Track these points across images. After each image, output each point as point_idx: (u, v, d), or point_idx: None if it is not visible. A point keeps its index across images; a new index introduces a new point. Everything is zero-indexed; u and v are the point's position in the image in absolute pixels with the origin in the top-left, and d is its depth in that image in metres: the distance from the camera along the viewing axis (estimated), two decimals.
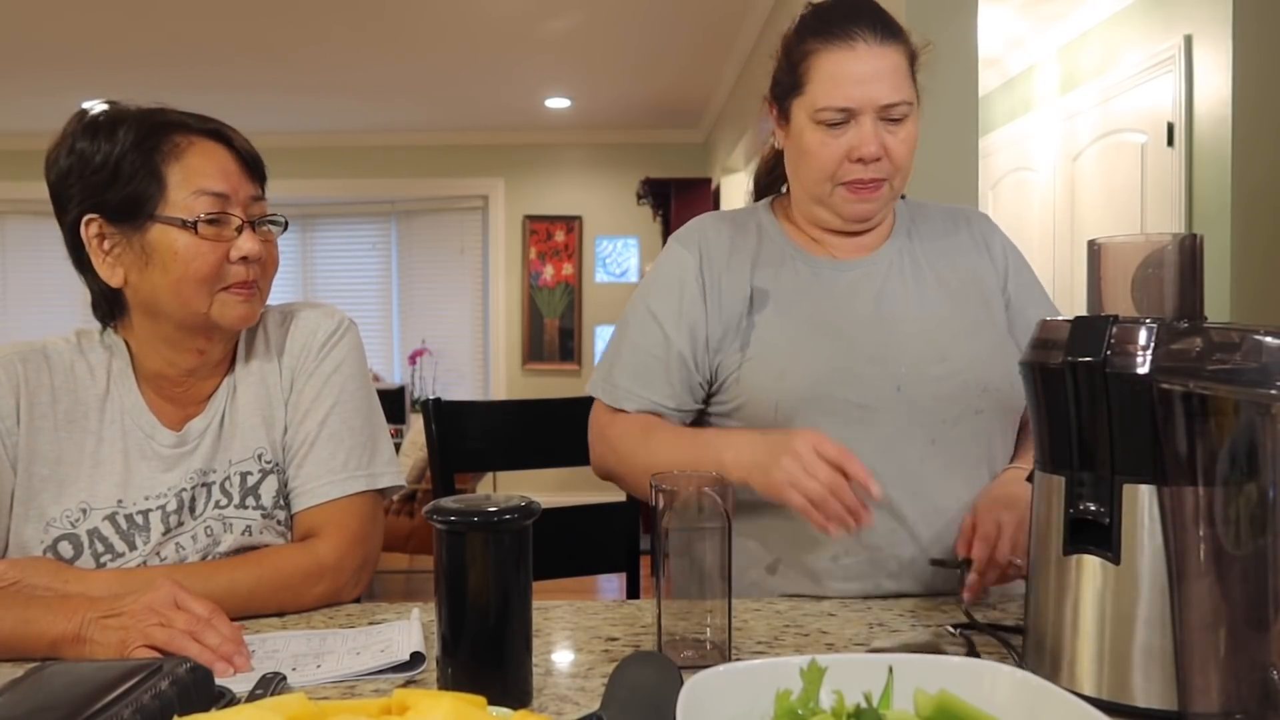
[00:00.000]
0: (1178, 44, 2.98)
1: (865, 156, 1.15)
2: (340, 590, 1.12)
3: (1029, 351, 0.83)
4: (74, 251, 1.12)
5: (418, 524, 4.10)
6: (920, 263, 1.26)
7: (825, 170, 1.17)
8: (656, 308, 1.25)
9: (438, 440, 1.57)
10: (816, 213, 1.24)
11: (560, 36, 4.63)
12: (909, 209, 1.33)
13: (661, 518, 0.89)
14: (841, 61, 1.14)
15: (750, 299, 1.24)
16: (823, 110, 1.14)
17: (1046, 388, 0.80)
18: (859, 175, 1.17)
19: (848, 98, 1.14)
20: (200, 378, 1.17)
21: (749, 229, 1.29)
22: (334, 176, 6.77)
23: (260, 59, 4.99)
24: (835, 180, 1.18)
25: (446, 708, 0.55)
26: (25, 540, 1.09)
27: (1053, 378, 0.79)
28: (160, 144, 1.08)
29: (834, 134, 1.15)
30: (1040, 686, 0.63)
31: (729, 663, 0.73)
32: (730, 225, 1.29)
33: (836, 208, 1.21)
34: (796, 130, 1.19)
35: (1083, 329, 0.77)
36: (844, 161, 1.16)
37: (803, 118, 1.18)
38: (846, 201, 1.19)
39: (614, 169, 6.72)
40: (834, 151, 1.16)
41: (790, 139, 1.22)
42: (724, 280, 1.24)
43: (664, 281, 1.26)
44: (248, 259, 1.10)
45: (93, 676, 0.70)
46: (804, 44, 1.18)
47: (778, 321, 1.21)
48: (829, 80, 1.14)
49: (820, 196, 1.21)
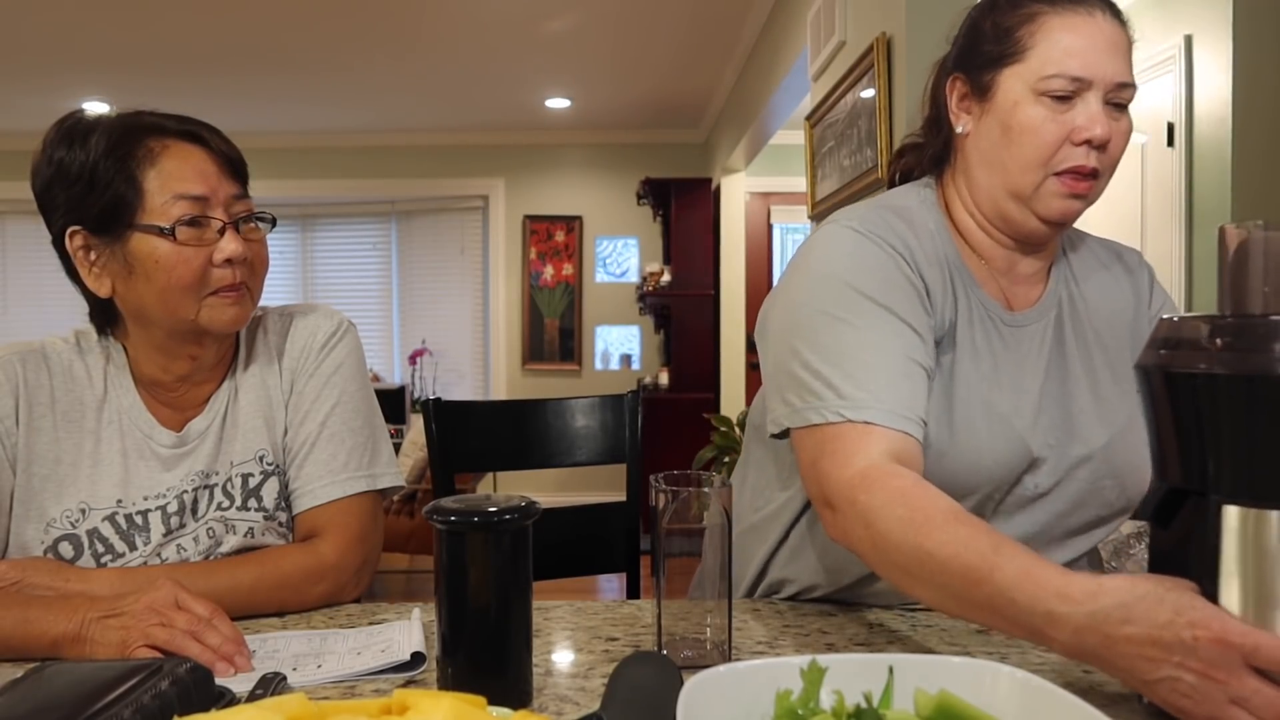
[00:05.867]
0: (1178, 44, 2.98)
1: (1094, 138, 0.97)
2: (341, 590, 1.12)
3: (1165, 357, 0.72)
4: (63, 263, 1.11)
5: (418, 524, 4.10)
6: (1081, 318, 1.10)
7: (1042, 152, 0.99)
8: (895, 305, 0.99)
9: (438, 440, 1.57)
10: (1008, 210, 1.04)
11: (560, 36, 4.63)
12: (1065, 237, 1.15)
13: (661, 518, 0.89)
14: (1079, 26, 0.99)
15: (945, 332, 1.04)
16: (1052, 78, 0.98)
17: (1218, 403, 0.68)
18: (1079, 162, 0.99)
19: (1084, 66, 0.97)
20: (195, 383, 1.17)
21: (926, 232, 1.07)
22: (334, 176, 6.77)
23: (261, 59, 4.99)
24: (1050, 167, 1.00)
25: (446, 708, 0.55)
26: (26, 541, 1.09)
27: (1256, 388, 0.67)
28: (134, 149, 1.06)
29: (1058, 109, 0.99)
30: (1040, 686, 0.63)
31: (729, 663, 0.73)
32: (910, 226, 1.06)
33: (1040, 204, 1.02)
34: (1005, 105, 1.01)
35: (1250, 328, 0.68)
36: (1064, 144, 0.99)
37: (1018, 89, 1.00)
38: (1055, 196, 1.01)
39: (614, 169, 6.72)
40: (1057, 130, 0.99)
41: (990, 116, 1.03)
42: (930, 293, 1.03)
43: (880, 274, 1.01)
44: (231, 261, 1.09)
45: (93, 676, 0.70)
46: (1024, 7, 1.01)
47: (958, 378, 1.02)
48: (1060, 46, 0.98)
49: (1023, 188, 1.02)
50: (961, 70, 1.07)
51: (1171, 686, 0.66)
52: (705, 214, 5.99)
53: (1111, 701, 0.79)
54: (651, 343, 6.73)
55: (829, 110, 3.10)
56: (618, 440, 1.66)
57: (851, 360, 0.96)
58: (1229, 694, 0.64)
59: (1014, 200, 1.03)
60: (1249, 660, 0.64)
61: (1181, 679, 0.65)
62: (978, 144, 1.05)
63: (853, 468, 0.92)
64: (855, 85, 2.78)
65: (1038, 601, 0.73)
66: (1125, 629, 0.68)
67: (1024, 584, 0.75)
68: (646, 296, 6.04)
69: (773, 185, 6.49)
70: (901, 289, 1.00)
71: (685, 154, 6.70)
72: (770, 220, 6.67)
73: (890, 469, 0.91)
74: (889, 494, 0.88)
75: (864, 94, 2.70)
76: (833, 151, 3.09)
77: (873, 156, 2.61)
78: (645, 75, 5.32)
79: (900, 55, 2.44)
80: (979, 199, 1.07)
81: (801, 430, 0.98)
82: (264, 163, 4.47)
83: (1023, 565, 0.76)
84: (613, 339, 6.79)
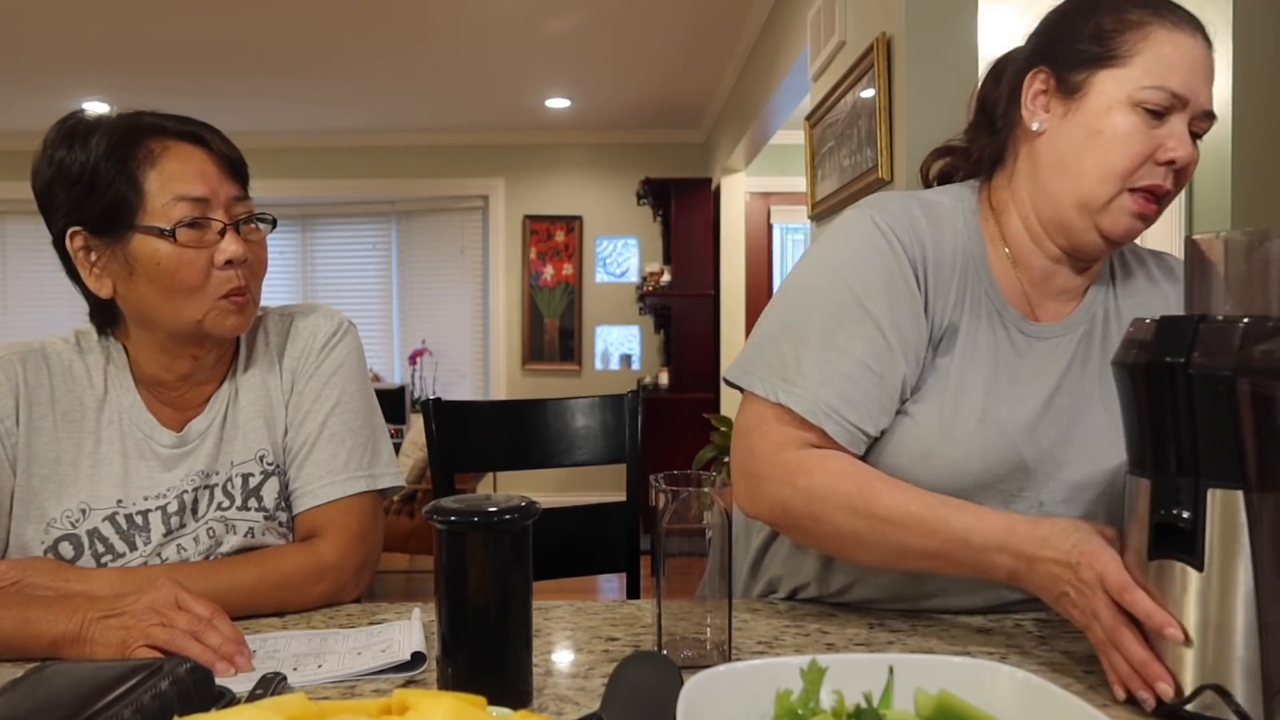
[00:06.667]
0: None
1: (1178, 159, 0.97)
2: (341, 590, 1.12)
3: (1119, 351, 0.80)
4: (64, 263, 1.11)
5: (418, 524, 4.10)
6: (1113, 338, 1.08)
7: (1128, 163, 0.97)
8: (874, 307, 1.01)
9: (438, 440, 1.57)
10: (1069, 219, 1.02)
11: (560, 36, 4.63)
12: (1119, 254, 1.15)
13: (661, 518, 0.89)
14: (1183, 45, 0.97)
15: (944, 333, 1.04)
16: (1152, 89, 0.96)
17: (1133, 388, 0.78)
18: (1157, 181, 0.98)
19: (1184, 84, 0.96)
20: (196, 383, 1.17)
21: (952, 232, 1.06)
22: (334, 176, 6.77)
23: (261, 59, 4.99)
24: (1129, 181, 0.98)
25: (446, 708, 0.55)
26: (26, 541, 1.09)
27: (1138, 378, 0.77)
28: (135, 150, 1.06)
29: (1150, 124, 0.97)
30: (1040, 686, 0.63)
31: (729, 663, 0.73)
32: (934, 224, 1.05)
33: (1108, 218, 1.00)
34: (1097, 108, 0.98)
35: (1168, 329, 0.75)
36: (1148, 160, 0.98)
37: (1113, 95, 0.98)
38: (1124, 212, 0.99)
39: (614, 169, 6.72)
40: (1146, 144, 0.97)
41: (1076, 117, 1.00)
42: (934, 295, 1.03)
43: (879, 274, 1.02)
44: (232, 262, 1.09)
45: (93, 676, 0.70)
46: (1128, 14, 0.99)
47: (953, 379, 1.03)
48: (1166, 60, 0.96)
49: (1096, 198, 0.99)
50: (1047, 65, 1.03)
51: (1067, 599, 0.83)
52: (705, 214, 5.99)
53: (1112, 701, 0.79)
54: (651, 343, 6.73)
55: (829, 110, 3.10)
56: (618, 440, 1.66)
57: (812, 347, 1.01)
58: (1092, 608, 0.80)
59: (1080, 209, 1.01)
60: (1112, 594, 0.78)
61: (1068, 593, 0.83)
62: (1053, 144, 1.02)
63: (786, 453, 1.00)
64: (855, 85, 2.78)
65: (989, 539, 0.89)
66: (1043, 551, 0.85)
67: (979, 526, 0.90)
68: (646, 296, 6.04)
69: (773, 185, 6.49)
70: (894, 293, 1.02)
71: (685, 154, 6.70)
72: (770, 220, 6.67)
73: (822, 453, 0.99)
74: (831, 476, 0.98)
75: (864, 94, 2.70)
76: (833, 151, 3.09)
77: (873, 156, 2.61)
78: (645, 75, 5.32)
79: (900, 55, 2.44)
80: (1039, 203, 1.05)
81: (748, 393, 1.06)
82: (264, 163, 4.47)
83: (974, 511, 0.92)
84: (613, 339, 6.79)
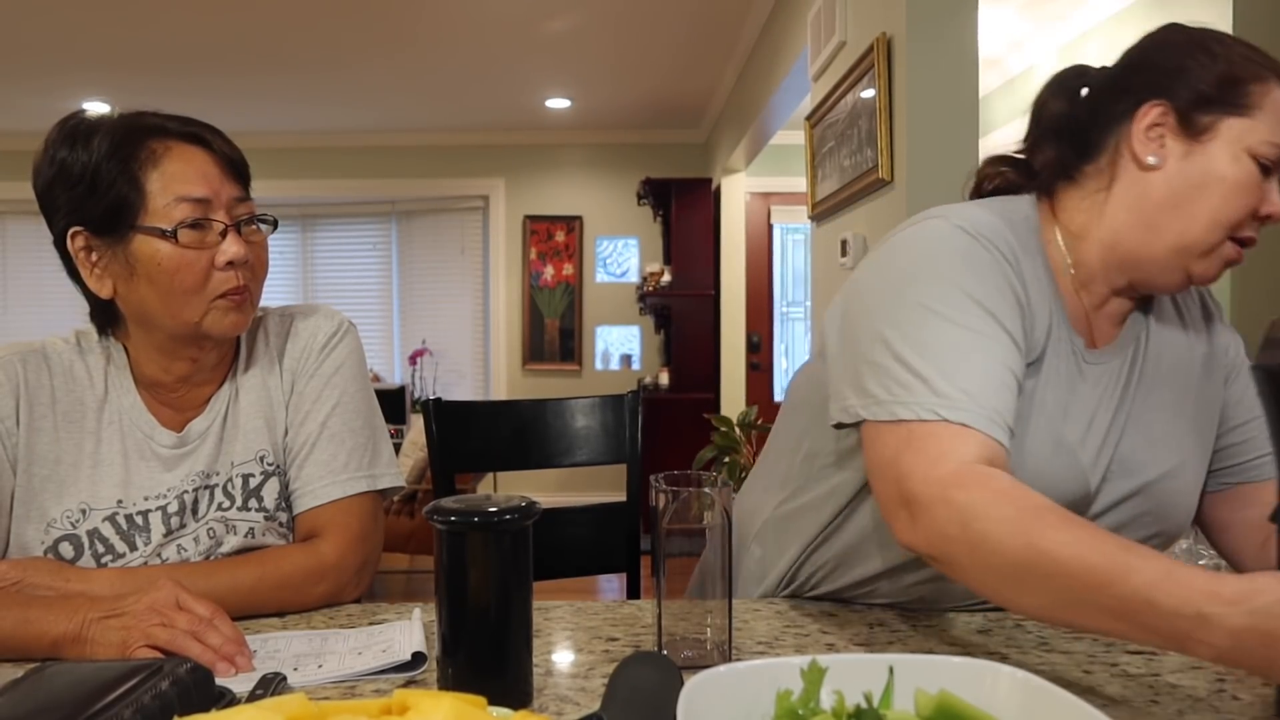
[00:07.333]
0: None
1: (1275, 215, 0.97)
2: (342, 590, 1.12)
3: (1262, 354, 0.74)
4: (65, 263, 1.11)
5: (418, 524, 4.10)
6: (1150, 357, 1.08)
7: (1240, 214, 0.97)
8: (992, 304, 0.94)
9: (438, 440, 1.57)
10: (1159, 258, 1.00)
11: (560, 36, 4.64)
12: None
13: (662, 518, 0.89)
14: None
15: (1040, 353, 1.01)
16: (1271, 145, 0.96)
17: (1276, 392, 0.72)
18: (1252, 233, 0.98)
19: None
20: (195, 384, 1.17)
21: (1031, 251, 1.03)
22: (334, 176, 6.77)
23: (261, 59, 4.99)
24: (1233, 231, 0.97)
25: (447, 708, 0.55)
26: (26, 541, 1.09)
27: None
28: (137, 151, 1.06)
29: (1262, 180, 0.97)
30: (1040, 687, 0.63)
31: (729, 663, 0.73)
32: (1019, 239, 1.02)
33: (1203, 263, 0.98)
34: (1222, 154, 0.97)
35: None
36: (1251, 215, 0.97)
37: (1235, 144, 0.96)
38: (1220, 260, 0.98)
39: (614, 169, 6.72)
40: (1257, 196, 0.96)
41: (1196, 159, 0.98)
42: (1033, 312, 0.99)
43: (992, 277, 0.96)
44: (234, 263, 1.09)
45: (93, 676, 0.70)
46: (1255, 68, 0.98)
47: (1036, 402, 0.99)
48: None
49: (1201, 243, 0.98)
50: (1169, 100, 1.00)
51: None
52: (705, 214, 5.99)
53: (1112, 701, 0.79)
54: (652, 343, 6.73)
55: (829, 110, 3.10)
56: (618, 440, 1.67)
57: (950, 358, 0.90)
58: None
59: (1178, 251, 0.99)
60: None
61: None
62: (1170, 181, 0.99)
63: (944, 467, 0.85)
64: (855, 85, 2.78)
65: (1185, 604, 0.68)
66: None
67: (1166, 585, 0.69)
68: (647, 297, 6.04)
69: (773, 185, 6.49)
70: (1007, 299, 0.96)
71: (685, 154, 6.70)
72: (770, 220, 6.67)
73: (988, 471, 0.84)
74: (991, 493, 0.81)
75: (864, 94, 2.70)
76: (833, 152, 3.09)
77: (873, 157, 2.61)
78: (645, 75, 5.32)
79: (900, 55, 2.44)
80: (1131, 235, 1.01)
81: (883, 424, 0.92)
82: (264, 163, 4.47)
83: (1163, 565, 0.71)
84: (613, 339, 6.79)
